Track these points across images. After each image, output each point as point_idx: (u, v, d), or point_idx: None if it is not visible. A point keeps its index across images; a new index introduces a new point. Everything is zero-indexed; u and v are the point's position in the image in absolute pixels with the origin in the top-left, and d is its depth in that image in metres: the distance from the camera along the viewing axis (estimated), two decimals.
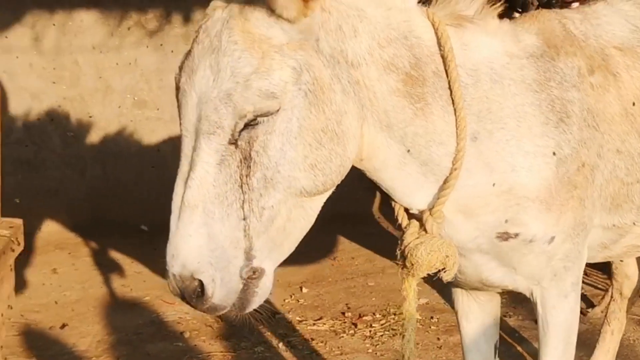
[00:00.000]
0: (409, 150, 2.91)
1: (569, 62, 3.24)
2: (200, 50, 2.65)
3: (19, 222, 5.99)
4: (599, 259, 3.71)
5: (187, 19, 7.68)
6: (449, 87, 2.95)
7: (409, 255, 2.99)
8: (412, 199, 3.02)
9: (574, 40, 3.34)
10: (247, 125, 2.62)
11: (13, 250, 5.68)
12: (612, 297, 5.26)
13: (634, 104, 3.38)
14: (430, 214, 2.99)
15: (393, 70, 2.85)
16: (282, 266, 6.84)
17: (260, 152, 2.66)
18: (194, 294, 2.64)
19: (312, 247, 7.23)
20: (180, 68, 2.73)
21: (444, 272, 3.05)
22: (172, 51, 7.67)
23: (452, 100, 2.95)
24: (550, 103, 3.13)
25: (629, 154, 3.35)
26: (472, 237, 3.12)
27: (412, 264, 3.00)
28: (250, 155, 2.65)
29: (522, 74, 3.12)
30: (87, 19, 7.45)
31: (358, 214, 8.17)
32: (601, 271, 6.31)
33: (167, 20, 7.65)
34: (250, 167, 2.65)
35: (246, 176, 2.65)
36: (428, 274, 3.05)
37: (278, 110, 2.63)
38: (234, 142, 2.62)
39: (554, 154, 3.11)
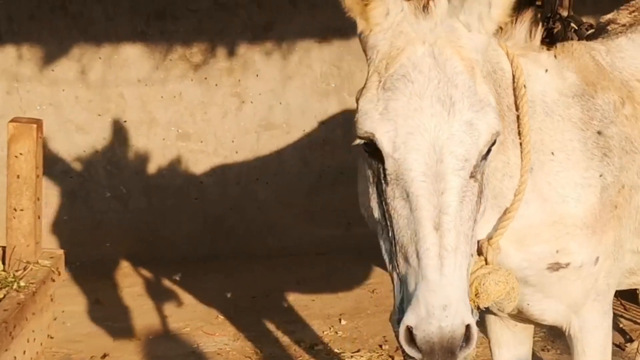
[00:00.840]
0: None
1: (606, 98, 3.33)
2: (418, 89, 2.54)
3: (60, 252, 6.12)
4: (624, 285, 3.73)
5: (231, 53, 7.75)
6: (517, 120, 3.02)
7: (476, 284, 2.95)
8: None
9: (605, 73, 3.43)
10: (482, 158, 2.58)
11: (54, 280, 5.79)
12: None
13: None
14: (489, 244, 3.00)
15: None
16: (321, 298, 6.91)
17: (485, 184, 2.66)
18: (463, 341, 2.45)
19: (351, 279, 7.30)
20: (383, 115, 2.55)
21: (508, 303, 3.05)
22: (216, 84, 7.75)
23: (520, 133, 3.01)
24: (595, 140, 3.23)
25: None
26: (520, 268, 3.14)
27: (478, 294, 2.95)
28: (482, 188, 2.64)
29: (570, 112, 3.22)
30: (132, 53, 7.54)
31: None
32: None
33: (211, 54, 7.73)
34: (480, 201, 2.64)
35: (477, 212, 2.62)
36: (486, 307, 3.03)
37: None
38: (474, 175, 2.57)
39: (598, 184, 3.16)
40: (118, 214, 7.73)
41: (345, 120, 7.97)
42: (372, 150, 2.59)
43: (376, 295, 7.10)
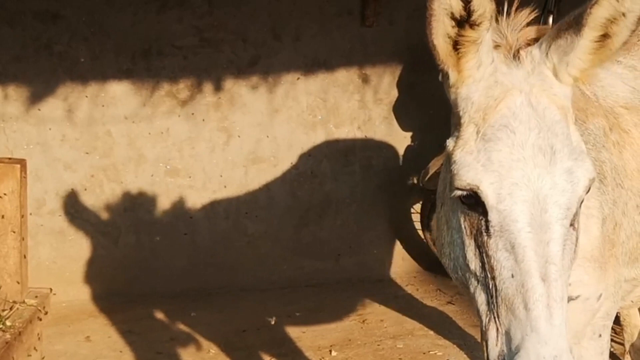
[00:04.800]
0: None
1: (596, 123, 3.35)
2: (520, 139, 2.52)
3: (46, 291, 6.11)
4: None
5: (217, 88, 7.78)
6: None
7: None
8: None
9: (590, 101, 3.43)
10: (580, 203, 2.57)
11: (40, 319, 5.78)
12: (627, 351, 5.27)
13: None
14: None
15: None
16: (311, 330, 6.91)
17: (578, 229, 2.64)
18: None
19: (341, 310, 7.31)
20: (485, 166, 2.54)
21: None
22: (203, 120, 7.78)
23: None
24: None
25: None
26: None
27: None
28: (577, 235, 2.62)
29: None
30: (119, 90, 7.57)
31: (387, 276, 8.18)
32: None
33: (198, 90, 7.76)
34: (575, 247, 2.62)
35: (574, 259, 2.62)
36: None
37: None
38: (573, 223, 2.56)
39: (600, 215, 3.18)
40: (107, 250, 7.73)
41: (332, 151, 8.02)
42: (473, 202, 2.58)
43: (366, 325, 7.10)
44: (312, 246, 8.15)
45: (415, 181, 7.91)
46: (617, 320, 5.77)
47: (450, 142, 2.71)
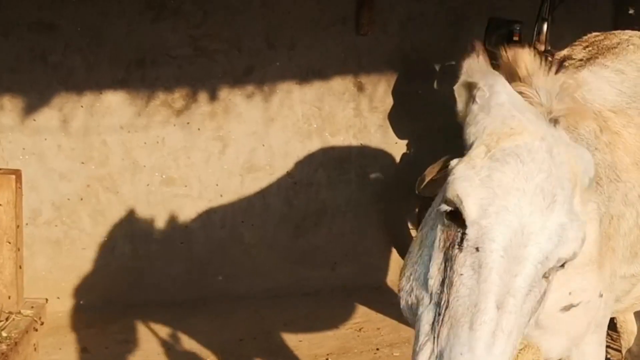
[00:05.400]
0: None
1: (586, 126, 3.37)
2: (527, 172, 2.51)
3: (42, 301, 6.12)
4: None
5: (212, 97, 7.79)
6: None
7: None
8: None
9: (580, 104, 3.44)
10: (559, 266, 2.55)
11: (36, 330, 5.79)
12: (624, 357, 5.28)
13: None
14: None
15: None
16: (308, 338, 6.90)
17: (549, 289, 2.61)
18: None
19: (338, 319, 7.31)
20: (483, 182, 2.52)
21: None
22: (198, 129, 7.78)
23: None
24: None
25: None
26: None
27: None
28: (547, 290, 2.59)
29: None
30: (114, 100, 7.57)
31: (383, 284, 8.19)
32: None
33: (193, 99, 7.76)
34: (543, 301, 2.59)
35: (535, 311, 2.57)
36: None
37: None
38: (547, 276, 2.53)
39: (597, 216, 3.20)
40: (103, 260, 7.72)
41: (328, 160, 8.03)
42: (456, 217, 2.55)
43: (363, 334, 7.11)
44: (309, 254, 8.15)
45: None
46: (614, 327, 5.80)
47: (454, 161, 2.67)
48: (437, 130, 7.46)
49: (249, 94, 7.85)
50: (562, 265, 2.57)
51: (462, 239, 2.50)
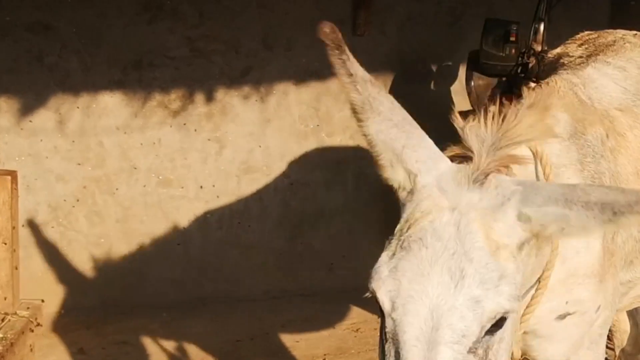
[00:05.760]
0: None
1: (594, 132, 3.33)
2: (431, 255, 2.48)
3: (38, 302, 6.11)
4: None
5: (209, 99, 7.79)
6: None
7: None
8: None
9: (587, 107, 3.42)
10: (486, 333, 2.49)
11: (32, 331, 5.78)
12: (617, 356, 5.28)
13: None
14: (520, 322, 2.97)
15: None
16: (305, 339, 6.89)
17: (489, 358, 2.55)
18: None
19: (335, 320, 7.30)
20: (391, 272, 2.53)
21: None
22: (195, 130, 7.77)
23: None
24: (591, 179, 3.22)
25: None
26: (530, 324, 3.13)
27: None
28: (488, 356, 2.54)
29: (570, 156, 3.21)
30: (110, 101, 7.57)
31: None
32: None
33: (189, 100, 7.76)
34: None
35: None
36: None
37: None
38: (473, 351, 2.47)
39: None
40: (100, 261, 7.71)
41: (324, 161, 8.02)
42: (379, 306, 2.56)
43: (360, 334, 7.11)
44: (305, 255, 8.14)
45: None
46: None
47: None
48: (434, 131, 7.43)
49: (245, 95, 7.84)
50: (499, 327, 2.54)
51: (385, 332, 2.54)
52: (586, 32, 4.62)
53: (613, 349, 5.87)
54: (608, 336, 5.79)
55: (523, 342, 3.18)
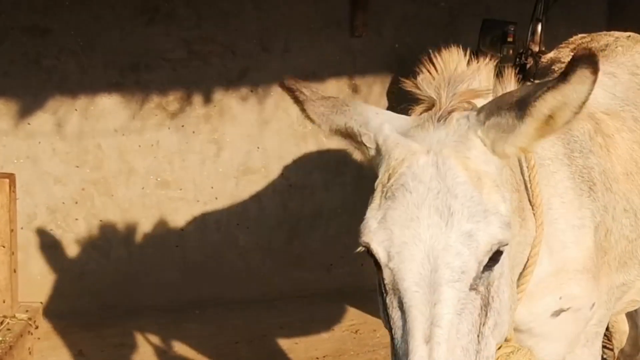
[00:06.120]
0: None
1: (580, 128, 3.34)
2: (416, 199, 2.48)
3: (36, 305, 6.11)
4: None
5: (207, 100, 7.79)
6: (528, 187, 3.02)
7: None
8: None
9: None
10: (485, 269, 2.48)
11: (31, 334, 5.78)
12: (616, 357, 5.29)
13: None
14: None
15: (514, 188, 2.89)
16: (304, 341, 6.89)
17: (495, 297, 2.56)
18: None
19: (334, 321, 7.30)
20: (380, 224, 2.52)
21: None
22: (193, 132, 7.78)
23: (532, 204, 3.00)
24: (579, 174, 3.23)
25: (632, 211, 3.43)
26: (526, 322, 3.14)
27: None
28: (488, 301, 2.54)
29: (555, 150, 3.22)
30: (108, 103, 7.57)
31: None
32: None
33: (187, 102, 7.76)
34: (487, 314, 2.54)
35: (482, 325, 2.52)
36: None
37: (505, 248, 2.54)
38: (475, 287, 2.47)
39: (592, 224, 3.18)
40: (98, 264, 7.71)
41: (323, 162, 8.02)
42: (374, 260, 2.55)
43: (359, 335, 7.10)
44: (304, 257, 8.14)
45: None
46: (607, 327, 5.80)
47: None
48: None
49: (243, 97, 7.85)
50: (495, 262, 2.54)
51: (383, 284, 2.53)
52: (579, 36, 4.63)
53: (612, 350, 5.88)
54: (607, 336, 5.82)
55: (519, 343, 3.18)
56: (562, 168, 3.20)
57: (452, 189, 2.48)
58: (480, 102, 2.74)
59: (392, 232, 2.48)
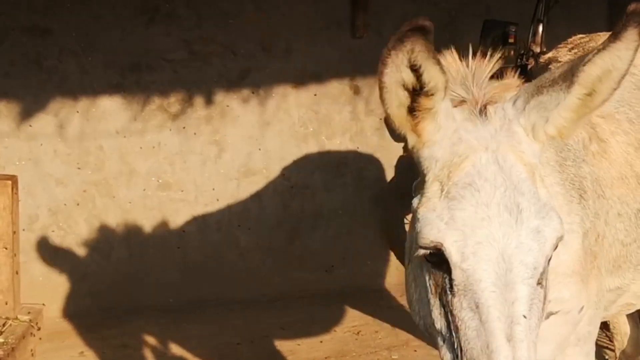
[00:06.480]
0: None
1: (575, 137, 3.34)
2: (485, 197, 2.47)
3: (38, 307, 6.12)
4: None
5: (208, 102, 7.79)
6: None
7: None
8: None
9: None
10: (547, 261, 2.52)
11: (33, 335, 5.78)
12: (617, 358, 5.30)
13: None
14: None
15: None
16: (305, 342, 6.88)
17: (547, 287, 2.59)
18: None
19: (335, 322, 7.30)
20: (449, 224, 2.48)
21: None
22: (194, 133, 7.78)
23: None
24: (570, 182, 3.23)
25: (627, 215, 3.42)
26: None
27: None
28: (545, 293, 2.57)
29: (547, 156, 3.20)
30: (110, 105, 7.57)
31: (380, 287, 8.18)
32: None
33: (189, 103, 7.76)
34: (544, 305, 2.57)
35: (542, 318, 2.55)
36: None
37: None
38: (540, 282, 2.50)
39: (580, 229, 3.17)
40: (100, 265, 7.71)
41: (324, 163, 8.02)
42: (438, 260, 2.52)
43: (361, 337, 7.10)
44: (305, 258, 8.14)
45: None
46: (609, 328, 5.81)
47: (415, 201, 2.65)
48: None
49: (244, 98, 7.85)
50: (550, 259, 2.56)
51: (451, 284, 2.50)
52: (579, 36, 4.62)
53: (614, 350, 5.89)
54: (609, 337, 5.82)
55: None
56: (553, 174, 3.20)
57: (519, 186, 2.50)
58: (509, 95, 2.74)
59: (464, 232, 2.45)
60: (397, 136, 2.74)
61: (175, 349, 6.94)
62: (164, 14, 7.63)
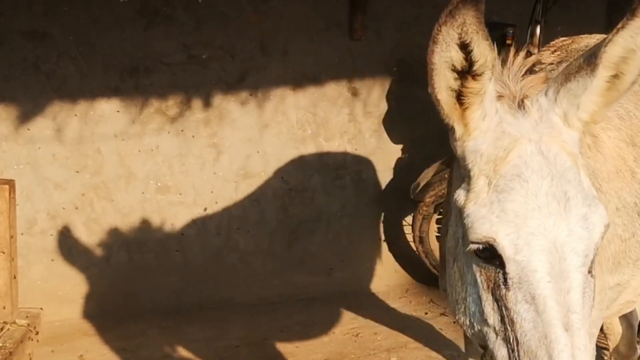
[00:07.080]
0: None
1: None
2: (533, 188, 2.48)
3: (36, 311, 6.11)
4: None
5: (206, 104, 7.78)
6: None
7: None
8: None
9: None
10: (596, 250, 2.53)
11: (31, 339, 5.78)
12: (611, 356, 5.31)
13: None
14: None
15: None
16: (305, 344, 6.87)
17: (595, 278, 2.59)
18: None
19: (334, 324, 7.30)
20: (500, 217, 2.50)
21: None
22: (193, 136, 7.77)
23: None
24: None
25: (625, 209, 3.41)
26: None
27: None
28: (593, 282, 2.57)
29: None
30: (108, 108, 7.56)
31: (379, 289, 8.18)
32: None
33: (187, 106, 7.75)
34: (593, 295, 2.57)
35: (592, 307, 2.56)
36: None
37: None
38: (590, 270, 2.52)
39: None
40: (99, 269, 7.71)
41: (322, 165, 8.02)
42: (489, 255, 2.53)
43: (360, 339, 7.09)
44: (304, 260, 8.14)
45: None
46: (602, 328, 5.80)
47: (460, 196, 2.66)
48: (431, 135, 7.45)
49: (243, 101, 7.84)
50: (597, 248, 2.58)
51: (505, 278, 2.50)
52: (561, 39, 4.63)
53: (608, 349, 5.89)
54: (603, 336, 5.81)
55: None
56: None
57: (565, 175, 2.52)
58: (540, 88, 2.77)
59: (516, 224, 2.47)
60: (449, 128, 2.72)
61: (175, 352, 6.94)
62: (163, 17, 7.62)
